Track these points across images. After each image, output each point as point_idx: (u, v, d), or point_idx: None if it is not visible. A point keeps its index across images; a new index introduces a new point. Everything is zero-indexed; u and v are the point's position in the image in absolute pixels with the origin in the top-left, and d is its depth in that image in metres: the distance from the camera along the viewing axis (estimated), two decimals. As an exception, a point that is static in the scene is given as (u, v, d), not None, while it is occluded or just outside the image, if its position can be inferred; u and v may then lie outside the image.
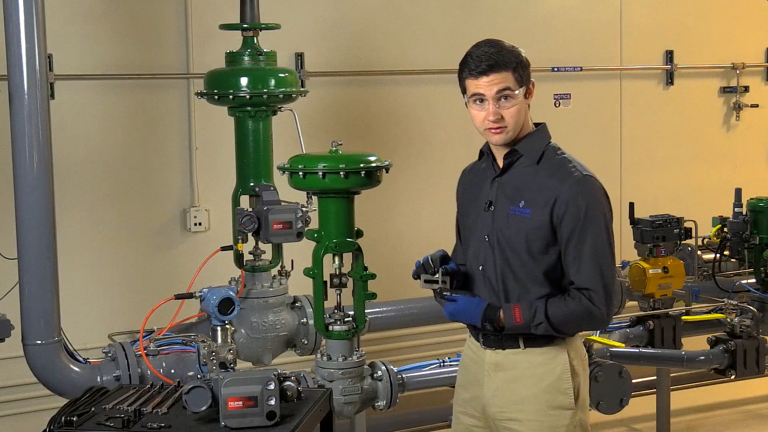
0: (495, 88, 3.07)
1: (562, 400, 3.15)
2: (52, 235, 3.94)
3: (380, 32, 5.97)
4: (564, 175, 3.12)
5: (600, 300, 3.08)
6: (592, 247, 3.08)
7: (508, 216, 3.15)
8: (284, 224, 4.28)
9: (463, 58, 3.14)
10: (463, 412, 3.32)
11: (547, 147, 3.20)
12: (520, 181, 3.16)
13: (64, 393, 3.93)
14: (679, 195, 6.72)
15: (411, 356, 5.66)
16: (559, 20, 6.50)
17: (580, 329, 3.20)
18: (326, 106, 5.77)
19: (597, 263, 3.08)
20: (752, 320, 5.03)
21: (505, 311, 3.12)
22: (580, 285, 3.09)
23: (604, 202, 3.15)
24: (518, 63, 3.11)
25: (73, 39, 5.20)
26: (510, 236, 3.13)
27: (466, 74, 3.12)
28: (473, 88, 3.10)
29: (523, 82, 3.11)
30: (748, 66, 7.12)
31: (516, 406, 3.16)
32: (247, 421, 2.90)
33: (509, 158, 3.18)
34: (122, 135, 5.37)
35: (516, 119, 3.11)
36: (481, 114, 3.11)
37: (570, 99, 6.55)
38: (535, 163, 3.16)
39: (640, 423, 5.87)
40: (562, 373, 3.15)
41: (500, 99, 3.08)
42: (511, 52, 3.11)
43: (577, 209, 3.08)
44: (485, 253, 3.19)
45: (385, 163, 3.99)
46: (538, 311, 3.09)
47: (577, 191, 3.09)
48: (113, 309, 5.27)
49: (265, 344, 4.45)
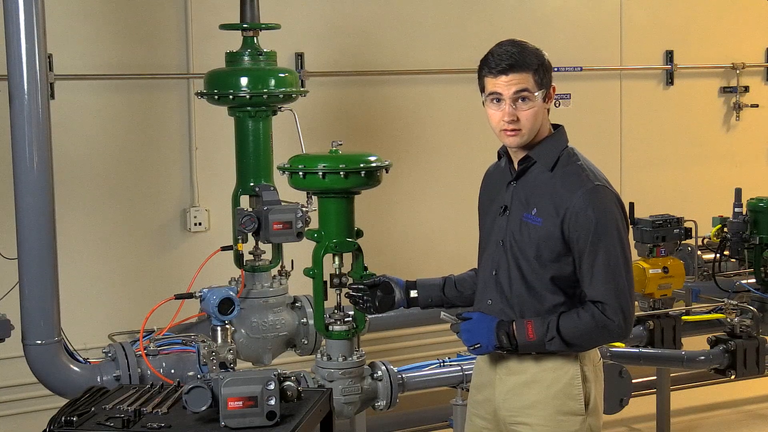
0: (513, 88, 3.00)
1: (572, 406, 3.11)
2: (52, 235, 3.94)
3: (380, 32, 5.97)
4: (575, 185, 3.03)
5: (613, 312, 3.01)
6: (605, 259, 3.01)
7: (521, 222, 3.09)
8: (284, 224, 4.28)
9: (484, 56, 3.07)
10: (476, 414, 3.30)
11: (562, 153, 3.11)
12: (534, 187, 3.10)
13: (64, 393, 3.93)
14: (679, 195, 6.72)
15: (411, 356, 5.66)
16: (559, 20, 6.50)
17: (596, 343, 3.12)
18: (326, 106, 5.77)
19: (610, 276, 3.01)
20: (752, 320, 5.03)
21: (517, 326, 3.06)
22: (593, 298, 3.03)
23: (616, 211, 3.06)
24: (540, 65, 3.03)
25: (73, 39, 5.20)
26: (522, 243, 3.08)
27: (486, 72, 3.04)
28: (491, 86, 3.03)
29: (543, 85, 3.04)
30: (748, 66, 7.12)
31: (526, 410, 3.13)
32: (247, 421, 2.89)
33: (523, 164, 3.12)
34: (122, 135, 5.37)
35: (532, 123, 3.04)
36: (498, 114, 3.04)
37: (570, 99, 6.55)
38: (549, 169, 3.09)
39: (640, 423, 5.86)
40: (572, 379, 3.11)
41: (518, 100, 3.01)
42: (533, 53, 3.04)
43: (587, 221, 3.00)
44: (499, 257, 3.14)
45: (385, 163, 3.99)
46: (551, 326, 3.03)
47: (587, 202, 3.01)
48: (113, 309, 5.28)
49: (265, 344, 4.45)
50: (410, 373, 4.36)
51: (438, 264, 3.83)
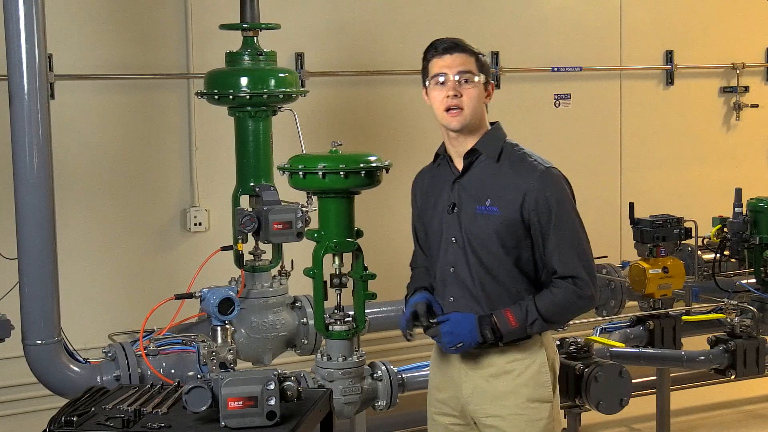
0: (458, 68, 3.15)
1: (542, 393, 3.21)
2: (52, 235, 3.94)
3: (380, 32, 5.97)
4: (528, 169, 3.16)
5: (585, 284, 3.15)
6: (569, 235, 3.16)
7: (475, 215, 3.18)
8: (284, 224, 4.28)
9: (427, 46, 3.24)
10: (438, 413, 3.38)
11: (505, 144, 3.24)
12: (483, 180, 3.20)
13: (64, 393, 3.93)
14: (679, 195, 6.72)
15: (411, 356, 5.65)
16: (559, 20, 6.50)
17: (572, 316, 3.26)
18: (326, 106, 5.77)
19: (576, 250, 3.16)
20: (752, 320, 5.02)
21: (498, 317, 3.14)
22: (564, 273, 3.15)
23: (568, 190, 3.22)
24: (480, 54, 3.21)
25: (73, 39, 5.20)
26: (480, 235, 3.17)
27: (431, 54, 3.21)
28: (436, 68, 3.18)
29: (483, 72, 3.19)
30: (748, 66, 7.12)
31: (497, 402, 3.21)
32: (247, 421, 2.90)
33: (469, 158, 3.22)
34: (122, 135, 5.37)
35: (475, 104, 3.16)
36: (441, 94, 3.17)
37: (570, 99, 6.56)
38: (495, 160, 3.20)
39: (640, 423, 5.86)
40: (541, 367, 3.21)
41: (461, 81, 3.15)
42: (473, 46, 3.22)
43: (547, 202, 3.14)
44: (455, 254, 3.22)
45: (385, 163, 3.99)
46: (530, 309, 3.14)
47: (544, 185, 3.14)
48: (113, 309, 5.28)
49: (265, 344, 4.45)
50: (410, 373, 4.37)
51: (438, 264, 3.86)
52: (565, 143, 6.47)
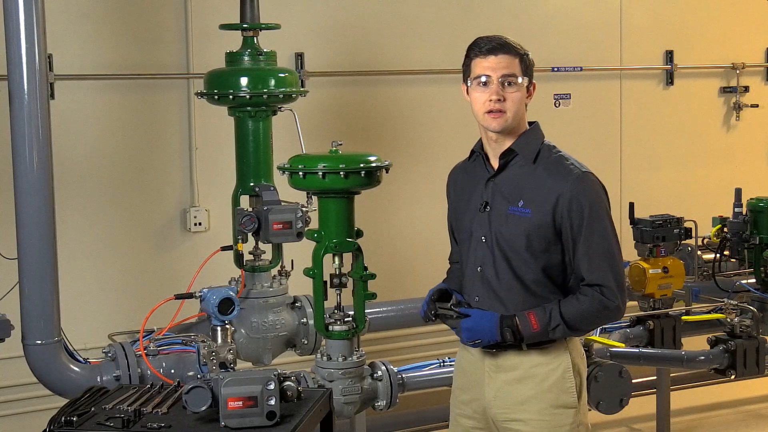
0: (501, 71, 3.09)
1: (566, 399, 3.15)
2: (52, 235, 3.94)
3: (380, 32, 5.97)
4: (563, 173, 3.12)
5: (612, 293, 3.09)
6: (600, 242, 3.09)
7: (506, 216, 3.13)
8: (284, 224, 4.28)
9: (472, 42, 3.15)
10: (461, 414, 3.31)
11: (542, 146, 3.19)
12: (518, 180, 3.15)
13: (64, 393, 3.93)
14: (679, 195, 6.72)
15: (411, 356, 5.66)
16: (559, 20, 6.50)
17: (596, 325, 3.26)
18: (326, 106, 5.77)
19: (606, 258, 3.10)
20: (752, 320, 5.03)
21: (520, 319, 3.09)
22: (592, 281, 3.09)
23: (603, 197, 3.17)
24: (525, 55, 3.14)
25: (73, 39, 5.20)
26: (509, 236, 3.12)
27: (475, 53, 3.12)
28: (479, 69, 3.10)
29: (527, 74, 3.13)
30: (748, 66, 7.12)
31: (519, 406, 3.15)
32: (247, 421, 2.90)
33: (505, 158, 3.17)
34: (122, 135, 5.37)
35: (517, 107, 3.11)
36: (484, 95, 3.10)
37: (570, 99, 6.56)
38: (531, 162, 3.15)
39: (640, 423, 5.87)
40: (565, 372, 3.15)
41: (504, 84, 3.09)
42: (518, 45, 3.16)
43: (581, 207, 3.08)
44: (483, 254, 3.18)
45: (385, 163, 3.99)
46: (554, 314, 3.08)
47: (579, 189, 3.09)
48: (113, 309, 5.28)
49: (265, 344, 4.45)
50: (410, 373, 4.37)
51: (438, 264, 3.82)
52: (565, 143, 6.38)
